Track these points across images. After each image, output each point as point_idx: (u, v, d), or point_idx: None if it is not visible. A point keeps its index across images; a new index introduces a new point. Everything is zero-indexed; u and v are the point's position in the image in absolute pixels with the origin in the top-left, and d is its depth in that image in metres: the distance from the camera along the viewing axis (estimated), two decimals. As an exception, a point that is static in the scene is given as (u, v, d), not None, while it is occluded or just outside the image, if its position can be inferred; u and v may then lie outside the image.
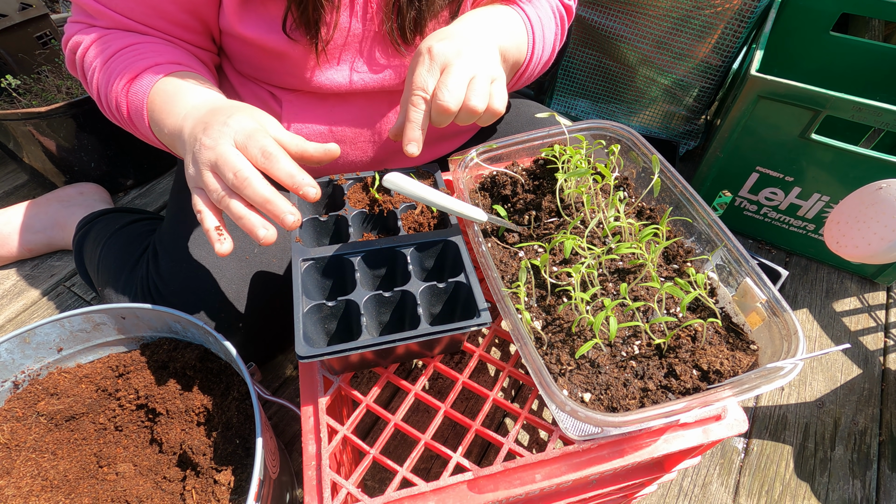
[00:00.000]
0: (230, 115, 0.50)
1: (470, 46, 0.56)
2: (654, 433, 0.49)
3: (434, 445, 0.49)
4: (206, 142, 0.49)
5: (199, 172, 0.49)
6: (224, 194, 0.48)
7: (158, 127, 0.58)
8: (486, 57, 0.57)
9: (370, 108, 0.74)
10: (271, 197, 0.47)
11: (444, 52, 0.54)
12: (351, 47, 0.67)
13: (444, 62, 0.54)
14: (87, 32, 0.63)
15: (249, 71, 0.72)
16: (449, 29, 0.60)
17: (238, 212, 0.47)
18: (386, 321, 0.56)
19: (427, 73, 0.54)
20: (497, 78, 0.56)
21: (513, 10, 0.70)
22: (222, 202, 0.48)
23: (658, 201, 0.62)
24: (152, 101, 0.58)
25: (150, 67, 0.60)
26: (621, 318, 0.51)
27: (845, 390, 0.97)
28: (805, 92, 0.91)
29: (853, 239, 0.69)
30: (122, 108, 0.61)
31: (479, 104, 0.53)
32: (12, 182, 1.35)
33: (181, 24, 0.64)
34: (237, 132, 0.49)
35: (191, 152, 0.50)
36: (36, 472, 0.63)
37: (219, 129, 0.49)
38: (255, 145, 0.48)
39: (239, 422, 0.65)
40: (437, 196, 0.54)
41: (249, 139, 0.48)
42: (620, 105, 1.38)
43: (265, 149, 0.48)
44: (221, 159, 0.47)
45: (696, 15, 1.15)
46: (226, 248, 0.48)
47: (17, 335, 0.65)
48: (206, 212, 0.49)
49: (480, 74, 0.54)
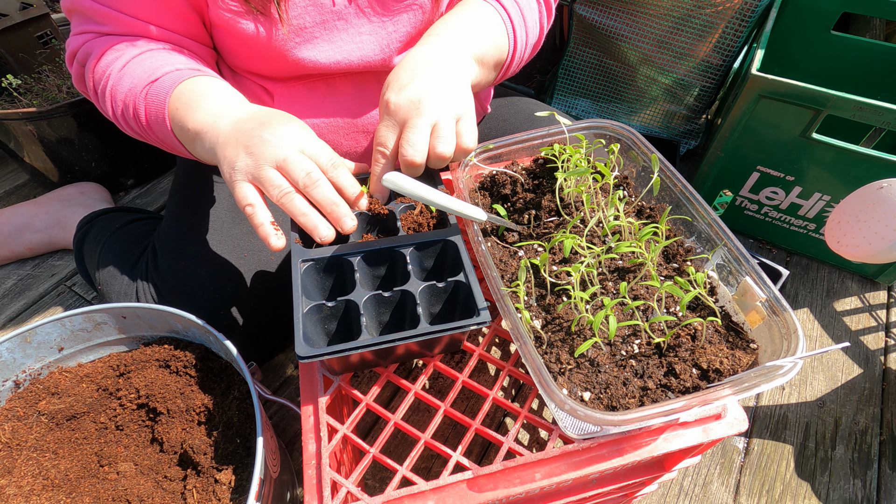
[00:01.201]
0: (290, 119, 0.54)
1: (430, 88, 0.55)
2: (653, 432, 0.49)
3: (434, 444, 0.49)
4: (270, 138, 0.50)
5: (257, 166, 0.50)
6: (289, 191, 0.50)
7: (181, 125, 0.57)
8: (449, 95, 0.55)
9: (360, 93, 0.74)
10: (338, 200, 0.51)
11: (402, 107, 0.54)
12: (328, 24, 0.66)
13: (403, 118, 0.54)
14: (96, 43, 0.62)
15: (239, 62, 0.71)
16: (411, 64, 0.58)
17: (303, 208, 0.50)
18: (386, 321, 0.56)
19: (386, 129, 0.55)
20: (463, 115, 0.56)
21: (486, 5, 0.68)
22: (285, 197, 0.50)
23: (658, 200, 0.62)
24: (176, 99, 0.58)
25: (170, 72, 0.60)
26: (621, 317, 0.51)
27: (846, 390, 0.96)
28: (806, 91, 0.91)
29: (854, 238, 0.69)
30: (140, 112, 0.60)
31: (446, 150, 0.54)
32: (13, 181, 1.36)
33: (183, 16, 0.63)
34: (304, 138, 0.52)
35: (241, 145, 0.51)
36: (37, 472, 0.63)
37: (284, 127, 0.52)
38: (325, 155, 0.53)
39: (240, 421, 0.65)
40: (437, 195, 0.54)
41: (321, 147, 0.53)
42: (621, 104, 1.38)
43: (334, 160, 0.53)
44: (293, 158, 0.50)
45: (696, 14, 1.14)
46: (282, 242, 0.50)
47: (18, 334, 0.65)
48: (261, 205, 0.51)
49: (443, 119, 0.54)
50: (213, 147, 0.54)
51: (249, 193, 0.50)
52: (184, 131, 0.58)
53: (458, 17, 0.66)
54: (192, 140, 0.57)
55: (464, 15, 0.66)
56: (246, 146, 0.51)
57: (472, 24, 0.65)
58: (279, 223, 0.52)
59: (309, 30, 0.65)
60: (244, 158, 0.51)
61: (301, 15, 0.64)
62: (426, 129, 0.54)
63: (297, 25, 0.64)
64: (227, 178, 0.52)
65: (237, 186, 0.51)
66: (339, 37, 0.68)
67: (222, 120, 0.54)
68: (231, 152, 0.51)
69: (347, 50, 0.68)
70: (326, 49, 0.67)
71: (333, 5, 0.65)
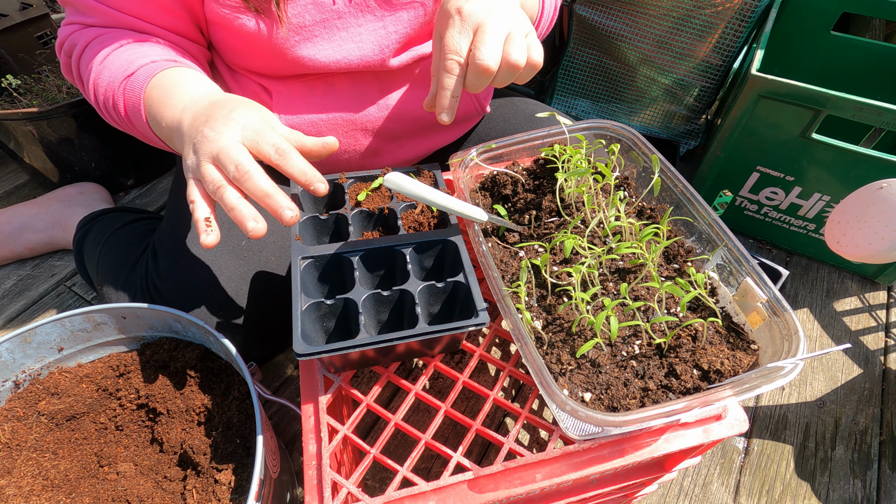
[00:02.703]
0: (233, 109, 0.50)
1: (498, 3, 0.54)
2: (654, 433, 0.49)
3: (434, 445, 0.49)
4: (209, 134, 0.49)
5: (198, 163, 0.49)
6: (220, 185, 0.47)
7: (156, 121, 0.57)
8: (515, 12, 0.55)
9: (359, 91, 0.74)
10: (271, 191, 0.47)
11: (476, 12, 0.53)
12: (328, 22, 0.66)
13: (476, 22, 0.52)
14: (81, 35, 0.63)
15: (236, 60, 0.71)
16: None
17: (231, 202, 0.47)
18: (384, 320, 0.56)
19: (459, 34, 0.52)
20: (530, 32, 0.56)
21: None
22: (217, 192, 0.47)
23: (658, 201, 0.62)
24: (149, 95, 0.58)
25: (146, 65, 0.60)
26: (622, 318, 0.51)
27: (846, 390, 0.96)
28: (806, 91, 0.91)
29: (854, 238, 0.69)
30: (119, 106, 0.60)
31: (520, 59, 0.52)
32: (13, 182, 1.36)
33: (171, 12, 0.63)
34: (245, 128, 0.49)
35: (191, 143, 0.50)
36: (37, 472, 0.63)
37: (223, 121, 0.49)
38: (267, 142, 0.49)
39: (239, 421, 0.65)
40: (438, 196, 0.54)
41: (260, 136, 0.49)
42: (621, 105, 1.38)
43: (278, 146, 0.48)
44: (224, 151, 0.48)
45: (696, 14, 1.14)
46: (211, 239, 0.48)
47: (17, 335, 0.65)
48: (200, 201, 0.49)
49: (515, 30, 0.53)
50: (181, 145, 0.54)
51: (191, 190, 0.50)
52: (160, 128, 0.58)
53: None
54: (169, 137, 0.57)
55: None
56: (193, 144, 0.50)
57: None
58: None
59: (309, 28, 0.65)
60: (191, 157, 0.50)
61: (301, 13, 0.64)
62: (502, 35, 0.53)
63: (297, 24, 0.64)
64: (185, 175, 0.52)
65: (187, 184, 0.51)
66: (338, 35, 0.68)
67: (186, 116, 0.54)
68: (186, 151, 0.51)
69: (347, 49, 0.69)
70: (326, 48, 0.67)
71: (333, 4, 0.65)
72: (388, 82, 0.76)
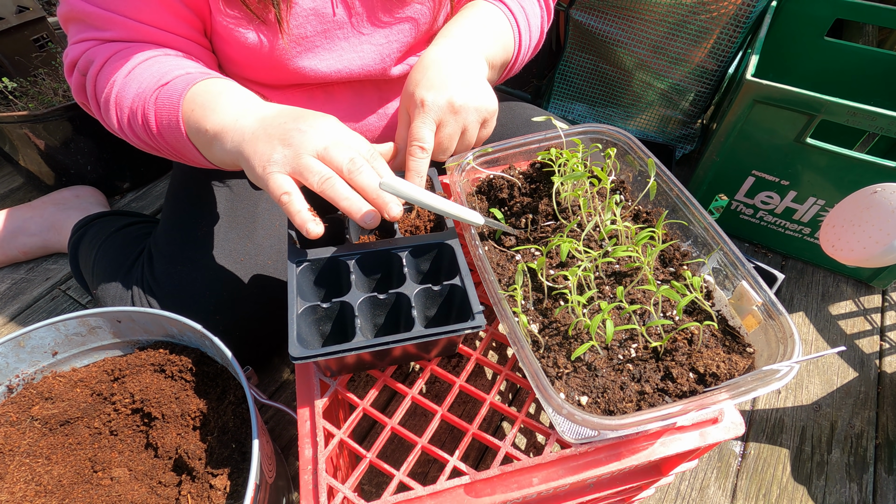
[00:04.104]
0: (326, 115, 0.54)
1: (460, 95, 0.59)
2: (650, 436, 0.49)
3: (431, 449, 0.49)
4: (309, 130, 0.51)
5: (297, 155, 0.50)
6: (330, 177, 0.49)
7: (197, 126, 0.56)
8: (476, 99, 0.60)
9: (359, 100, 0.74)
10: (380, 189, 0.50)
11: (439, 107, 0.58)
12: (329, 33, 0.66)
13: (437, 117, 0.58)
14: (99, 51, 0.60)
15: (237, 70, 0.71)
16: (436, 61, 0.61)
17: (345, 193, 0.49)
18: (381, 323, 0.56)
19: (423, 125, 0.58)
20: (488, 117, 0.62)
21: (495, 7, 0.70)
22: (326, 183, 0.49)
23: (654, 205, 0.62)
24: (191, 101, 0.56)
25: (181, 75, 0.58)
26: (618, 321, 0.51)
27: (841, 393, 0.97)
28: (800, 96, 0.92)
29: (849, 242, 0.69)
30: (150, 117, 0.58)
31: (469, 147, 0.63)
32: (8, 185, 1.35)
33: (190, 23, 0.62)
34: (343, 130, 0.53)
35: (275, 139, 0.51)
36: (30, 478, 0.62)
37: (321, 120, 0.53)
38: (365, 146, 0.54)
39: (235, 426, 0.65)
40: (434, 199, 0.54)
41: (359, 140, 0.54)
42: (617, 109, 1.39)
43: (373, 151, 0.54)
44: (335, 146, 0.50)
45: (692, 20, 1.15)
46: (320, 229, 0.49)
47: (11, 339, 0.64)
48: (297, 193, 0.50)
49: (470, 122, 0.60)
50: (239, 145, 0.52)
51: (285, 183, 0.49)
52: (200, 133, 0.56)
53: (469, 20, 0.68)
54: (210, 142, 0.55)
55: (474, 17, 0.68)
56: (282, 139, 0.50)
57: (482, 26, 0.68)
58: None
59: (310, 39, 0.65)
60: (281, 150, 0.50)
61: (302, 24, 0.64)
62: (458, 132, 0.60)
63: (298, 35, 0.64)
64: (260, 172, 0.50)
65: (272, 178, 0.49)
66: (339, 46, 0.68)
67: (245, 118, 0.53)
68: (263, 147, 0.51)
69: (348, 59, 0.69)
70: (327, 58, 0.68)
71: (334, 15, 0.65)
72: (388, 91, 0.77)
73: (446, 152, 0.61)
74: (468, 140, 0.62)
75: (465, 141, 0.62)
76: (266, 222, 0.79)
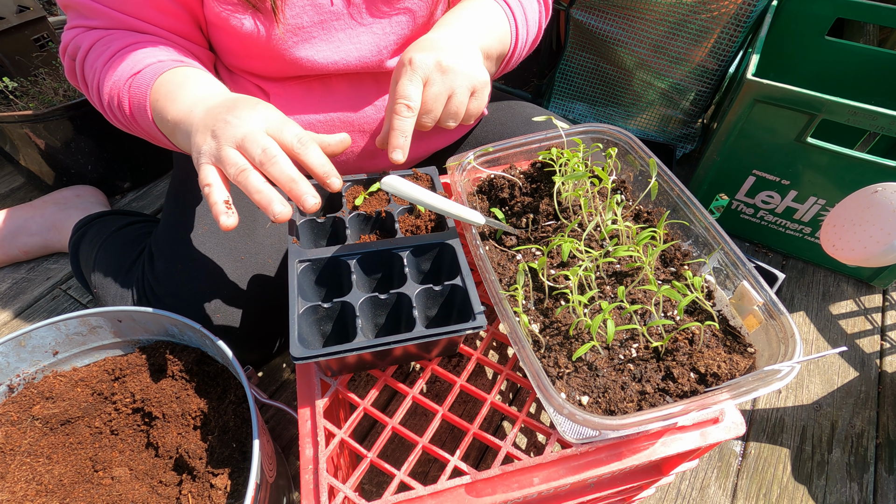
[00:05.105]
0: (258, 103, 0.52)
1: (449, 57, 0.57)
2: (651, 436, 0.49)
3: (432, 449, 0.49)
4: (233, 120, 0.50)
5: (219, 147, 0.49)
6: (244, 168, 0.48)
7: (161, 115, 0.58)
8: (464, 64, 0.58)
9: (356, 93, 0.74)
10: (297, 177, 0.48)
11: (426, 65, 0.56)
12: (326, 24, 0.66)
13: (425, 75, 0.56)
14: (84, 37, 0.63)
15: (234, 61, 0.71)
16: (429, 37, 0.61)
17: (257, 185, 0.48)
18: (382, 323, 0.56)
19: (410, 83, 0.56)
20: (478, 88, 0.60)
21: (491, 1, 0.71)
22: (241, 175, 0.48)
23: (655, 204, 0.62)
24: (156, 90, 0.58)
25: (152, 64, 0.60)
26: (619, 321, 0.51)
27: (842, 393, 0.97)
28: (801, 96, 0.92)
29: (849, 242, 0.69)
30: (125, 104, 0.60)
31: (457, 117, 0.59)
32: (9, 184, 1.35)
33: (172, 14, 0.64)
34: (269, 119, 0.51)
35: (208, 129, 0.51)
36: (31, 477, 0.63)
37: (248, 111, 0.51)
38: (289, 132, 0.50)
39: (236, 425, 0.65)
40: (435, 199, 0.54)
41: (284, 125, 0.51)
42: (618, 108, 1.39)
43: (301, 136, 0.50)
44: (251, 136, 0.49)
45: (692, 19, 1.15)
46: (232, 221, 0.48)
47: (12, 338, 0.64)
48: (218, 184, 0.49)
49: (459, 88, 0.58)
50: (189, 136, 0.54)
51: (209, 174, 0.50)
52: (164, 122, 0.58)
53: (466, 11, 0.68)
54: (173, 130, 0.57)
55: (470, 10, 0.68)
56: (212, 130, 0.50)
57: (478, 18, 0.68)
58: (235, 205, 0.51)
59: (307, 29, 0.66)
60: (209, 142, 0.50)
61: (299, 14, 0.64)
62: (445, 94, 0.57)
63: (295, 24, 0.64)
64: (195, 163, 0.52)
65: (200, 170, 0.50)
66: (336, 37, 0.68)
67: (197, 108, 0.54)
68: (199, 138, 0.52)
69: (345, 50, 0.69)
70: (324, 49, 0.68)
71: (332, 5, 0.65)
72: (386, 83, 0.76)
73: (430, 114, 0.57)
74: (456, 106, 0.59)
75: (453, 107, 0.59)
76: (266, 220, 0.79)
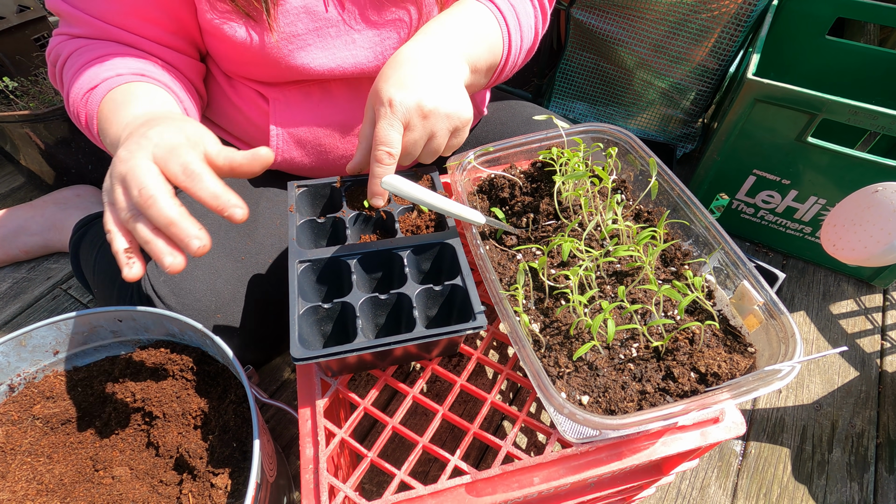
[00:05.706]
0: (153, 127, 0.47)
1: (431, 99, 0.56)
2: (652, 436, 0.49)
3: (432, 448, 0.49)
4: (122, 154, 0.45)
5: (111, 187, 0.45)
6: (131, 215, 0.44)
7: (104, 137, 0.56)
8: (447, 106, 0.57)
9: (356, 97, 0.74)
10: (176, 219, 0.42)
11: (407, 108, 0.55)
12: (322, 31, 0.66)
13: (405, 119, 0.55)
14: (66, 45, 0.63)
15: (232, 68, 0.71)
16: (410, 57, 0.58)
17: (144, 236, 0.43)
18: (382, 323, 0.56)
19: (391, 128, 0.55)
20: (460, 127, 0.59)
21: (481, 6, 0.68)
22: (129, 223, 0.44)
23: (656, 204, 0.62)
24: (101, 110, 0.57)
25: (109, 78, 0.59)
26: (619, 321, 0.51)
27: (842, 393, 0.97)
28: (801, 95, 0.92)
29: (850, 242, 0.69)
30: (82, 119, 0.60)
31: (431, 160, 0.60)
32: (9, 184, 1.35)
33: (156, 23, 0.63)
34: (157, 146, 0.45)
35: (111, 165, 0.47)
36: (31, 476, 0.63)
37: (137, 140, 0.46)
38: (176, 161, 0.44)
39: (236, 425, 0.65)
40: (436, 198, 0.54)
41: (171, 154, 0.44)
42: (618, 108, 1.39)
43: (187, 166, 0.44)
44: (131, 174, 0.43)
45: (692, 19, 1.15)
46: (135, 272, 0.44)
47: (12, 338, 0.64)
48: (115, 232, 0.45)
49: (440, 131, 0.57)
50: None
51: (107, 219, 0.46)
52: (108, 142, 0.56)
53: (452, 17, 0.65)
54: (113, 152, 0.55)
55: (458, 15, 0.66)
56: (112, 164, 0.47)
57: (465, 25, 0.65)
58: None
59: (302, 36, 0.65)
60: (107, 179, 0.47)
61: (293, 22, 0.64)
62: (425, 137, 0.57)
63: (290, 32, 0.64)
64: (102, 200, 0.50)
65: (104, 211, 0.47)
66: (332, 43, 0.68)
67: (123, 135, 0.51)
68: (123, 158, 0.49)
69: (341, 57, 0.69)
70: (320, 56, 0.67)
71: (326, 12, 0.65)
72: None
73: (408, 158, 0.58)
74: (435, 147, 0.58)
75: (432, 148, 0.58)
76: (267, 221, 0.79)
